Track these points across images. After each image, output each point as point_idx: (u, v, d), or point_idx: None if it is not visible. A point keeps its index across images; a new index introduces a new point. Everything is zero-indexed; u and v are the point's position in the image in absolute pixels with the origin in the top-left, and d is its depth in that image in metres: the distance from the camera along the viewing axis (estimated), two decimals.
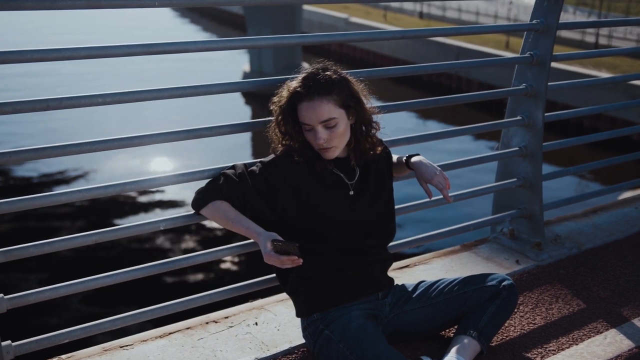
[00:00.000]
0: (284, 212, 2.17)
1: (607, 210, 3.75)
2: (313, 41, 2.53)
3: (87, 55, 2.04)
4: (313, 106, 2.09)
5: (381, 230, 2.34)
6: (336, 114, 2.11)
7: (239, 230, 2.13)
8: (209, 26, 42.09)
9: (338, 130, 2.13)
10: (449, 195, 2.40)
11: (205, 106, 17.88)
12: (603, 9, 31.63)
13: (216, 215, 2.16)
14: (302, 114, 2.12)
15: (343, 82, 2.15)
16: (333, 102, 2.10)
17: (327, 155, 2.17)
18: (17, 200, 2.01)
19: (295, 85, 2.13)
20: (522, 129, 3.20)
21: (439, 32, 2.96)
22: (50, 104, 2.00)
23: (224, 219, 2.14)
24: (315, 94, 2.09)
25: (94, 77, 22.98)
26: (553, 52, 3.05)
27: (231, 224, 2.13)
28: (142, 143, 2.21)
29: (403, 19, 33.86)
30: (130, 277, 2.21)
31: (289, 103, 2.14)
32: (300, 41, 2.50)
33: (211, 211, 2.17)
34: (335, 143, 2.14)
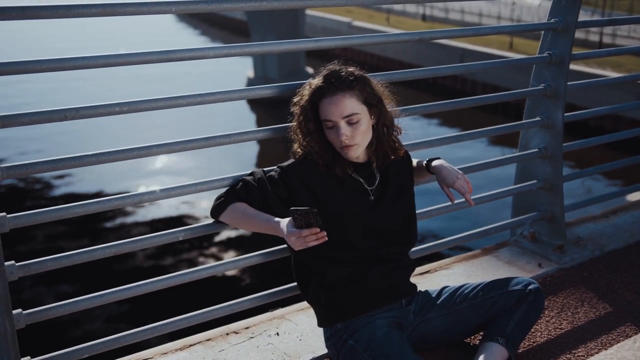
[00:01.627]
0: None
1: (627, 211, 3.69)
2: (322, 46, 2.48)
3: (105, 63, 2.00)
4: (335, 101, 2.07)
5: (403, 236, 2.29)
6: (358, 109, 2.09)
7: (259, 226, 2.10)
8: (208, 31, 42.18)
9: (361, 127, 2.10)
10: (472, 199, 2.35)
11: (209, 108, 17.88)
12: (607, 8, 31.56)
13: (235, 217, 2.13)
14: (324, 110, 2.08)
15: (365, 79, 2.14)
16: (355, 97, 2.09)
17: (349, 154, 2.12)
18: (35, 213, 1.96)
19: (316, 82, 2.11)
20: (541, 130, 3.15)
21: (455, 33, 2.91)
22: (67, 114, 1.96)
23: (243, 218, 2.11)
24: (337, 89, 2.07)
25: (94, 79, 22.99)
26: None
27: (251, 220, 2.10)
28: (159, 152, 2.17)
29: (406, 22, 33.85)
30: (149, 289, 2.18)
31: (311, 101, 2.11)
32: (313, 45, 2.45)
33: (230, 215, 2.14)
34: (357, 140, 2.10)
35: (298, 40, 2.41)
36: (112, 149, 2.08)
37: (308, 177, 2.14)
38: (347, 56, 26.87)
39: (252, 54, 2.27)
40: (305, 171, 2.15)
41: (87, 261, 2.08)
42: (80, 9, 1.90)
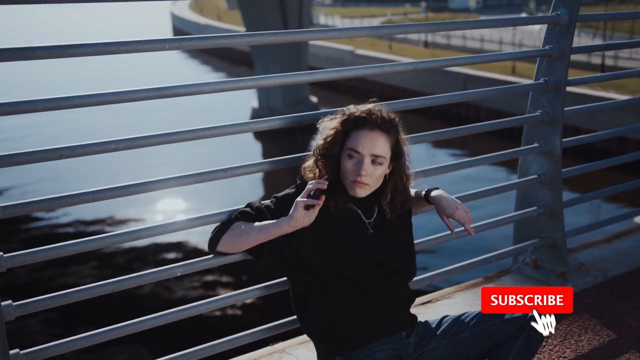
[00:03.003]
0: (302, 248, 2.12)
1: (630, 235, 3.67)
2: (325, 77, 2.50)
3: (100, 102, 2.02)
4: (372, 136, 2.09)
5: (402, 267, 2.28)
6: (386, 154, 2.12)
7: (261, 232, 2.09)
8: (209, 60, 42.52)
9: (379, 171, 2.12)
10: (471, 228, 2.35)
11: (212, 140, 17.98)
12: (608, 30, 31.71)
13: (234, 236, 2.12)
14: (357, 140, 2.10)
15: (399, 129, 2.18)
16: (389, 142, 2.13)
17: (357, 190, 2.12)
18: (33, 252, 1.97)
19: (358, 112, 2.13)
20: (540, 156, 3.15)
21: (450, 62, 2.93)
22: (63, 153, 1.98)
23: (243, 234, 2.10)
24: (377, 127, 2.10)
25: (91, 111, 23.10)
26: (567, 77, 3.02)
27: (251, 231, 2.09)
28: (156, 188, 2.18)
29: (408, 49, 34.08)
30: (147, 326, 2.17)
31: (346, 126, 2.13)
32: (311, 78, 2.47)
33: (228, 237, 2.13)
34: (371, 181, 2.12)
35: (300, 73, 2.46)
36: (108, 186, 2.09)
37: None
38: (351, 84, 27.09)
39: (246, 87, 2.29)
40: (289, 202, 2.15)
41: (85, 299, 2.09)
42: (76, 49, 1.93)
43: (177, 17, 60.18)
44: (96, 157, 2.31)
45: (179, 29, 58.86)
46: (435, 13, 50.30)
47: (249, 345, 2.42)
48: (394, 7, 52.76)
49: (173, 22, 62.52)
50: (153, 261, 12.13)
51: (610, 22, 30.99)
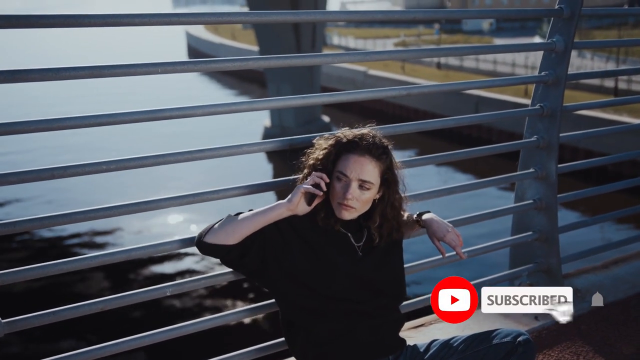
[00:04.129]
0: (294, 265, 2.12)
1: (628, 262, 3.66)
2: (336, 100, 2.56)
3: (94, 123, 2.06)
4: (362, 162, 2.12)
5: (391, 290, 2.29)
6: (374, 180, 2.14)
7: (257, 217, 2.09)
8: (220, 78, 42.79)
9: (366, 196, 2.14)
10: (462, 252, 2.36)
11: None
12: (621, 54, 31.67)
13: (224, 229, 2.07)
14: (346, 163, 2.13)
15: (391, 156, 2.21)
16: (378, 168, 2.15)
17: (343, 213, 2.15)
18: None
19: (350, 136, 2.17)
20: (535, 182, 3.16)
21: (445, 87, 2.97)
22: (55, 173, 2.01)
23: (236, 221, 2.08)
24: (367, 152, 2.14)
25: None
26: (563, 103, 3.04)
27: (245, 218, 2.08)
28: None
29: (421, 70, 34.19)
30: (132, 345, 2.19)
31: (337, 148, 2.16)
32: (323, 100, 2.53)
33: (217, 230, 2.07)
34: (357, 205, 2.14)
35: (312, 95, 2.51)
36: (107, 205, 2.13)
37: (297, 225, 2.16)
38: (363, 104, 27.09)
39: (238, 110, 2.32)
40: (293, 219, 2.17)
41: (74, 317, 2.11)
42: (69, 72, 1.97)
43: (192, 36, 60.75)
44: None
45: (194, 48, 59.41)
46: (448, 35, 50.45)
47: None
48: (408, 29, 52.98)
49: (188, 41, 63.11)
50: (145, 275, 12.25)
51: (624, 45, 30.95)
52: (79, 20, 1.94)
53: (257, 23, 14.54)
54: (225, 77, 43.27)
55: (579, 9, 2.90)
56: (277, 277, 2.14)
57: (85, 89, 32.76)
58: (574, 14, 2.92)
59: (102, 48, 59.35)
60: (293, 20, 2.50)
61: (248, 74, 41.29)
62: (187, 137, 22.28)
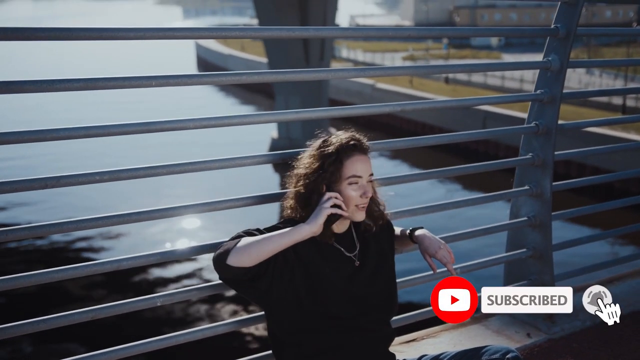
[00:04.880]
0: (292, 280, 2.12)
1: (624, 280, 3.66)
2: (341, 114, 2.60)
3: (86, 134, 2.09)
4: (364, 159, 2.18)
5: (382, 305, 2.30)
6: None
7: (282, 239, 2.04)
8: (227, 88, 42.94)
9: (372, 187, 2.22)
10: (454, 269, 2.37)
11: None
12: (630, 72, 31.65)
13: (248, 250, 2.00)
14: (355, 166, 2.16)
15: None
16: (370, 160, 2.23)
17: (360, 215, 2.18)
18: (28, 276, 2.04)
19: (345, 139, 2.19)
20: (530, 199, 3.17)
21: (441, 103, 2.99)
22: (48, 183, 2.04)
23: (260, 242, 2.02)
24: (365, 150, 2.21)
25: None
26: (567, 119, 3.06)
27: (273, 238, 2.04)
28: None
29: (429, 84, 34.24)
30: (121, 355, 2.21)
31: (340, 154, 2.17)
32: (329, 114, 2.58)
33: (240, 251, 2.00)
34: (368, 201, 2.20)
35: (318, 110, 2.56)
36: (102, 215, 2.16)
37: (296, 245, 2.12)
38: (371, 117, 27.13)
39: (231, 124, 2.35)
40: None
41: (64, 325, 2.14)
42: (64, 83, 2.00)
43: (201, 47, 61.05)
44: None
45: (203, 58, 59.69)
46: (457, 50, 50.56)
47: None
48: (416, 43, 53.10)
49: (197, 52, 63.42)
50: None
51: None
52: (74, 34, 1.97)
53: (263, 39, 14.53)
54: (234, 88, 43.44)
55: (574, 28, 2.93)
56: (277, 298, 2.11)
57: (99, 95, 33.10)
58: (570, 33, 2.94)
59: (111, 58, 59.72)
60: (299, 36, 2.54)
61: (257, 85, 41.42)
62: (196, 146, 22.40)
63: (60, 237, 15.32)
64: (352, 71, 2.67)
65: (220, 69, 50.06)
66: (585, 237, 3.48)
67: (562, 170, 20.71)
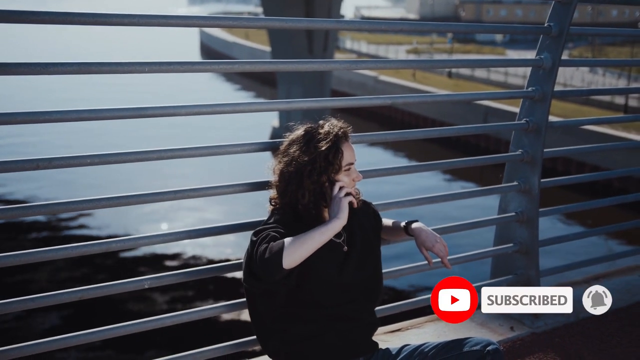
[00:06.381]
0: (293, 270, 2.10)
1: (609, 278, 3.70)
2: (343, 104, 2.64)
3: (78, 117, 2.13)
4: (352, 146, 2.26)
5: (368, 293, 2.34)
6: None
7: (322, 238, 2.07)
8: (230, 76, 42.96)
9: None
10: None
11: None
12: (633, 72, 31.61)
13: (299, 252, 2.02)
14: (348, 154, 2.23)
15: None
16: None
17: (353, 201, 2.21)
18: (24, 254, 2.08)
19: (338, 127, 2.24)
20: (518, 195, 3.21)
21: (434, 97, 3.02)
22: (40, 164, 2.08)
23: (306, 243, 2.04)
24: (349, 136, 2.27)
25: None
26: (552, 118, 3.09)
27: (316, 237, 2.06)
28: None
29: (432, 78, 34.20)
30: (109, 335, 2.25)
31: (338, 144, 2.21)
32: (332, 104, 2.61)
33: (291, 253, 2.00)
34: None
35: (321, 100, 2.58)
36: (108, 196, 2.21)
37: (291, 233, 2.13)
38: (372, 109, 27.06)
39: (233, 111, 2.39)
40: (290, 226, 2.17)
41: (54, 304, 2.18)
42: (57, 67, 2.03)
43: (205, 34, 60.92)
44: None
45: (206, 45, 59.58)
46: (461, 44, 50.45)
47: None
48: (421, 36, 52.99)
49: (201, 38, 63.29)
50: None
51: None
52: (69, 18, 2.01)
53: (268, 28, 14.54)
54: (237, 76, 43.40)
55: (567, 27, 2.95)
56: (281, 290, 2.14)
57: (113, 78, 33.34)
58: (562, 32, 2.97)
59: (116, 43, 59.70)
60: (305, 27, 2.57)
61: (260, 74, 41.35)
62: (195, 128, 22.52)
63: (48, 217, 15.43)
64: (355, 63, 2.70)
65: (224, 57, 49.98)
66: (572, 234, 3.53)
67: (562, 167, 20.80)
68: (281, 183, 2.24)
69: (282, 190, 2.24)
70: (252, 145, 2.47)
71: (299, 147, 2.24)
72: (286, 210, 2.24)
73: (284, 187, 2.23)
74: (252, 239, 2.09)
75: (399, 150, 25.43)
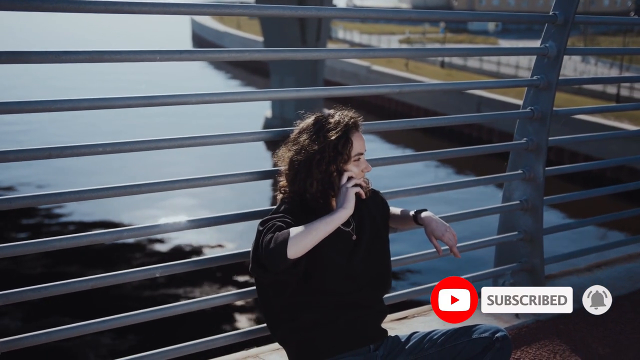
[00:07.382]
0: (300, 260, 2.10)
1: (611, 265, 3.73)
2: (337, 94, 2.64)
3: (89, 106, 2.13)
4: (362, 136, 2.26)
5: (377, 281, 2.35)
6: None
7: (328, 228, 2.07)
8: (222, 66, 42.83)
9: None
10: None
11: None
12: (625, 61, 31.70)
13: (303, 241, 2.02)
14: (359, 143, 2.22)
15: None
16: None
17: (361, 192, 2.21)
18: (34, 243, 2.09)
19: (349, 117, 2.24)
20: (523, 183, 3.22)
21: (437, 86, 3.04)
22: (52, 153, 2.08)
23: (311, 233, 2.04)
24: (359, 126, 2.27)
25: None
26: (559, 107, 3.11)
27: (321, 227, 2.06)
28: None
29: (425, 68, 34.17)
30: (116, 324, 2.25)
31: (348, 134, 2.21)
32: (324, 94, 2.60)
33: (296, 243, 2.00)
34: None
35: (314, 89, 2.59)
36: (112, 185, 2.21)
37: (299, 222, 2.13)
38: (365, 99, 27.06)
39: (226, 101, 2.38)
40: (298, 216, 2.17)
41: (64, 293, 2.18)
42: (69, 55, 2.03)
43: (197, 24, 60.66)
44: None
45: (198, 35, 59.33)
46: (453, 34, 50.42)
47: (223, 348, 2.50)
48: (413, 26, 52.93)
49: (193, 29, 63.01)
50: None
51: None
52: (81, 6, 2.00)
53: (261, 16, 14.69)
54: (229, 66, 43.26)
55: (572, 16, 2.96)
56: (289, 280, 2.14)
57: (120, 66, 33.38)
58: (568, 20, 2.98)
59: (106, 32, 59.33)
60: (297, 16, 2.55)
61: (253, 64, 41.21)
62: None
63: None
64: (348, 52, 2.69)
65: (216, 46, 49.76)
66: (576, 221, 3.55)
67: (554, 157, 20.85)
68: (290, 171, 2.25)
69: (291, 179, 2.25)
70: (250, 135, 2.47)
71: (309, 135, 2.24)
72: (295, 199, 2.25)
73: (293, 176, 2.24)
74: (258, 229, 2.09)
75: (389, 142, 25.33)
